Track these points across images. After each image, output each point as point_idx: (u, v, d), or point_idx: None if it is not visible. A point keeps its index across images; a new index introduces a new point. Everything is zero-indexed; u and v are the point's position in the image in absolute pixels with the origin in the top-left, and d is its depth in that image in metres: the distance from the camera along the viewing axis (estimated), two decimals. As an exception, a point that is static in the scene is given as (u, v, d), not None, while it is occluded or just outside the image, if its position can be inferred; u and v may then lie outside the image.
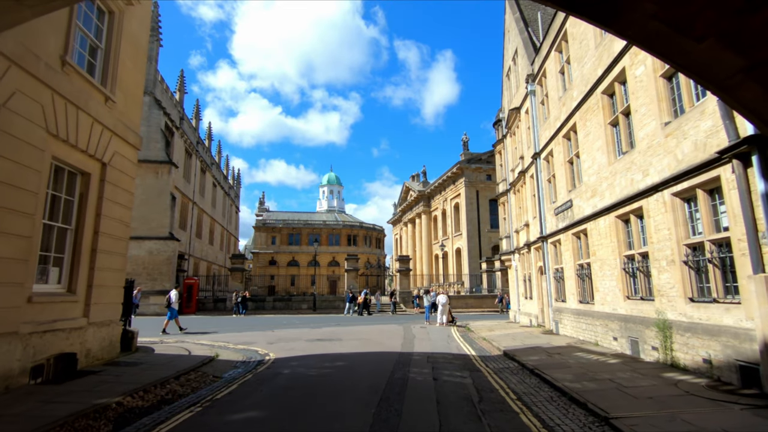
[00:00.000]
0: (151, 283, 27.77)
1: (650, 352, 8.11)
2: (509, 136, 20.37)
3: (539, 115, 15.51)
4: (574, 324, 12.15)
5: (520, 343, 12.14)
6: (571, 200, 12.26)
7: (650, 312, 8.12)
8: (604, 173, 10.04)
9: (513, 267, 20.24)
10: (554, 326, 14.04)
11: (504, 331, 15.71)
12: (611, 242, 9.72)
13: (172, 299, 16.53)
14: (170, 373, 7.75)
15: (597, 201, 10.46)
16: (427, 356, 10.27)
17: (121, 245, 9.41)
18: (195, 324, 20.02)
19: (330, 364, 9.18)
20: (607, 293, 10.01)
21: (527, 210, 17.63)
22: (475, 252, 40.19)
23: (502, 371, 8.48)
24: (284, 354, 10.87)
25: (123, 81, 9.30)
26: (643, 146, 8.22)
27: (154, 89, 29.94)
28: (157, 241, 28.33)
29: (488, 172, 41.87)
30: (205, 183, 43.07)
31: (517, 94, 18.76)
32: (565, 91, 12.76)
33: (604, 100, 10.06)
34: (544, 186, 15.03)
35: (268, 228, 64.20)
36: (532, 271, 17.15)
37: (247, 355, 10.92)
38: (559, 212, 13.31)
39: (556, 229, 13.69)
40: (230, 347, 12.57)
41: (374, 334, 15.06)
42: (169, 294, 16.72)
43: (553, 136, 13.64)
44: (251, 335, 15.28)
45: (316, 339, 13.72)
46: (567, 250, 12.73)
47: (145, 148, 29.78)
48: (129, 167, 9.65)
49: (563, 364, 8.48)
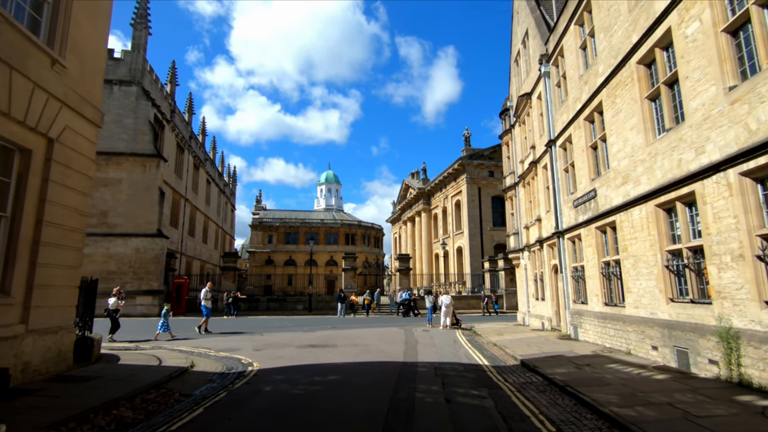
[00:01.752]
0: (137, 282, 26.33)
1: (706, 367, 6.74)
2: (518, 125, 19.00)
3: (554, 99, 14.13)
4: (599, 329, 10.77)
5: (537, 350, 10.77)
6: (595, 190, 10.89)
7: (706, 318, 6.75)
8: (639, 156, 8.67)
9: (522, 266, 18.87)
10: (572, 331, 12.68)
11: (515, 336, 14.34)
12: (649, 236, 8.35)
13: (202, 297, 16.14)
14: (124, 392, 6.34)
15: (629, 189, 9.09)
16: (435, 367, 8.88)
17: (75, 238, 8.00)
18: (181, 326, 18.57)
19: (321, 379, 7.78)
20: (643, 295, 8.64)
21: (539, 204, 16.26)
22: (476, 251, 38.83)
23: (526, 388, 7.10)
24: (270, 364, 9.47)
25: (78, 44, 7.89)
26: (696, 118, 6.85)
27: (143, 79, 28.49)
28: (145, 238, 26.87)
29: (490, 169, 40.52)
30: (198, 179, 41.59)
31: (527, 78, 17.39)
32: (588, 68, 11.38)
33: (639, 71, 8.69)
34: (560, 176, 13.66)
35: (265, 227, 62.79)
36: (544, 270, 15.78)
37: (227, 365, 9.52)
38: (579, 204, 11.94)
39: (575, 223, 12.32)
40: (211, 354, 11.18)
41: (373, 339, 13.66)
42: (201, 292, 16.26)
43: (572, 119, 12.27)
44: (238, 340, 13.88)
45: (308, 345, 12.32)
46: (589, 246, 11.36)
47: (132, 141, 28.44)
48: (86, 147, 8.24)
49: (599, 379, 7.10)
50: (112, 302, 14.08)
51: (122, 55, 28.51)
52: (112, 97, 27.73)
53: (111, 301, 14.11)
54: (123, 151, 27.33)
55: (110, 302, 14.10)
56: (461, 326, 18.00)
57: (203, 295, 16.34)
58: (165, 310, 15.06)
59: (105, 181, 26.78)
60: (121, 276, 26.06)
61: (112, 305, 14.01)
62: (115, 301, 14.12)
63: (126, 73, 28.24)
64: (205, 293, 16.39)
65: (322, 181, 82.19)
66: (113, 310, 13.93)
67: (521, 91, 18.05)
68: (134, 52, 28.60)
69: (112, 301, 14.12)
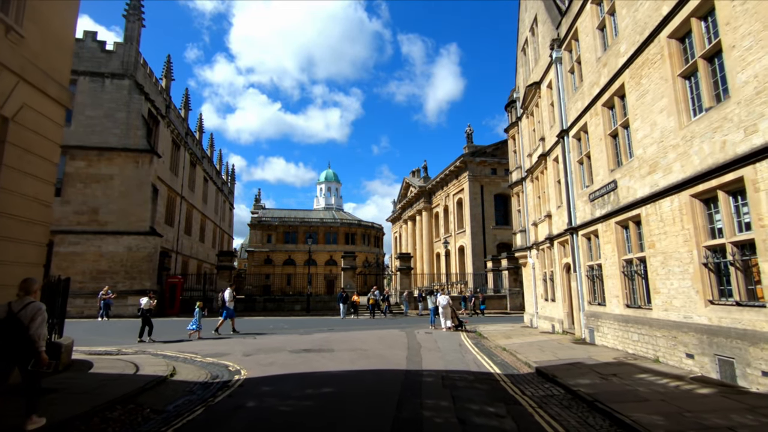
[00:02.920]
0: (129, 282, 25.42)
1: (759, 380, 5.83)
2: (525, 116, 18.09)
3: (567, 86, 13.22)
4: (620, 333, 9.86)
5: (551, 356, 9.87)
6: (615, 181, 9.98)
7: (759, 323, 5.84)
8: (670, 140, 7.76)
9: (529, 265, 17.96)
10: (588, 334, 11.77)
11: (524, 339, 13.44)
12: (682, 230, 7.44)
13: (226, 298, 15.85)
14: (82, 409, 5.44)
15: (658, 178, 8.18)
16: (442, 376, 7.97)
17: (36, 232, 7.11)
18: (169, 328, 17.66)
19: (313, 391, 6.87)
20: (675, 296, 7.73)
21: (549, 199, 15.34)
22: (479, 250, 37.92)
23: (548, 403, 6.19)
24: (259, 372, 8.56)
25: (40, 13, 6.98)
26: (746, 93, 5.94)
27: (136, 72, 27.58)
28: (137, 236, 25.96)
29: (493, 166, 39.63)
30: (195, 177, 40.70)
31: (536, 67, 16.47)
32: (607, 49, 10.47)
33: (671, 47, 7.78)
34: (573, 168, 12.75)
35: (264, 226, 61.90)
36: (555, 269, 14.87)
37: (212, 373, 8.63)
38: (596, 197, 11.03)
39: (590, 218, 11.41)
40: (197, 360, 10.29)
41: (373, 343, 12.76)
42: (222, 293, 15.89)
43: (587, 106, 11.36)
44: (228, 343, 12.97)
45: (303, 350, 11.42)
46: (607, 242, 10.45)
47: (124, 136, 27.49)
48: (51, 129, 7.33)
49: (632, 393, 6.19)
50: (144, 302, 13.89)
51: (114, 48, 27.60)
52: (104, 91, 26.85)
53: (143, 301, 13.94)
54: (115, 146, 26.41)
55: (143, 302, 13.93)
56: (465, 329, 17.11)
57: (228, 296, 15.98)
58: (197, 309, 14.71)
59: (96, 177, 25.89)
60: (112, 275, 25.18)
61: (145, 305, 13.81)
62: (147, 300, 13.92)
63: (118, 66, 27.33)
64: (230, 294, 16.13)
65: (321, 180, 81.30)
66: (146, 310, 13.75)
67: (529, 81, 17.14)
68: (127, 44, 27.68)
69: (144, 300, 13.94)
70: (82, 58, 26.88)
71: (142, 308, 13.80)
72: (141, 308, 13.83)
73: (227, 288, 16.89)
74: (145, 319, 13.60)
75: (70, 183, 25.52)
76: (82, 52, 27.03)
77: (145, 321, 13.58)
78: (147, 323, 13.59)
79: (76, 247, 25.01)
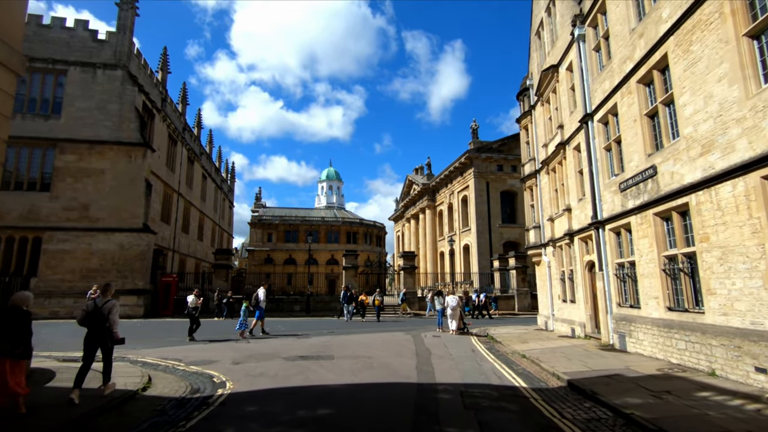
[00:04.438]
0: (121, 281, 24.19)
1: None
2: (540, 104, 16.86)
3: (591, 66, 12.00)
4: (660, 340, 8.64)
5: (581, 365, 8.66)
6: (654, 167, 8.75)
7: None
8: (733, 113, 6.54)
9: (544, 263, 16.73)
10: (617, 340, 10.55)
11: (543, 344, 12.23)
12: (749, 219, 6.23)
13: (261, 297, 15.15)
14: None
15: (714, 159, 6.96)
16: (460, 392, 6.76)
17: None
18: (161, 330, 16.54)
19: (307, 413, 5.67)
20: (738, 298, 6.52)
21: (568, 191, 14.12)
22: (485, 248, 36.62)
23: (598, 431, 4.99)
24: (246, 385, 7.38)
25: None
26: None
27: (129, 63, 26.43)
28: (130, 233, 24.81)
29: (499, 162, 38.36)
30: (193, 174, 39.59)
31: (553, 49, 15.24)
32: (643, 18, 9.25)
33: (733, 3, 6.56)
34: (599, 156, 11.52)
35: (264, 224, 60.76)
36: (575, 268, 13.65)
37: (193, 385, 7.47)
38: (629, 187, 9.80)
39: (620, 210, 10.19)
40: (179, 368, 9.14)
41: (377, 349, 11.55)
42: (256, 292, 15.43)
43: (618, 85, 10.14)
44: (217, 349, 11.79)
45: (299, 356, 10.23)
46: (644, 236, 9.22)
47: (116, 129, 26.27)
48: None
49: (701, 418, 4.98)
50: (191, 300, 13.72)
51: (107, 37, 26.48)
52: (96, 82, 25.72)
53: (190, 299, 13.76)
54: (106, 139, 25.27)
55: (189, 300, 13.76)
56: (471, 331, 15.93)
57: (262, 296, 15.27)
58: (244, 308, 14.45)
59: (87, 172, 24.77)
60: (104, 274, 23.98)
61: (192, 303, 13.66)
62: (193, 299, 13.75)
63: (111, 56, 26.21)
64: (264, 294, 15.49)
65: (323, 178, 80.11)
66: (193, 309, 13.58)
67: (545, 65, 15.91)
68: (120, 33, 26.56)
69: (191, 299, 13.76)
70: (73, 48, 25.80)
71: (188, 307, 13.67)
72: (188, 307, 13.72)
73: (261, 287, 15.93)
74: (192, 318, 13.42)
75: (59, 178, 24.41)
76: (72, 41, 25.96)
77: (193, 319, 13.40)
78: (195, 322, 13.40)
79: (65, 244, 23.89)
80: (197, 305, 13.72)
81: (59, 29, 25.87)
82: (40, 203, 23.98)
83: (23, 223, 23.46)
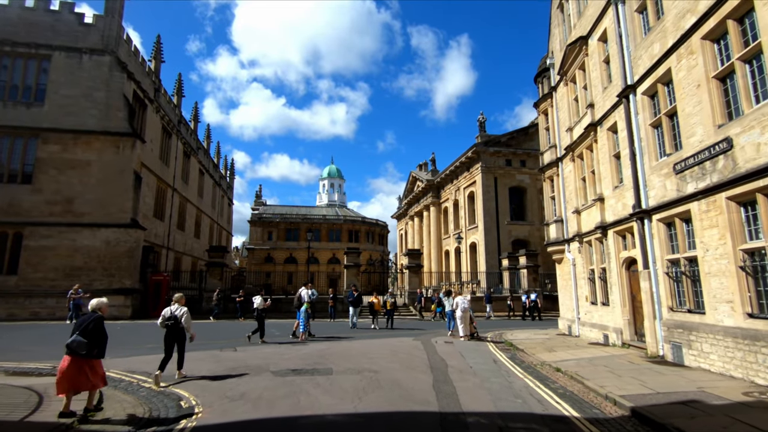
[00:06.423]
0: (108, 279, 22.67)
1: None
2: (563, 84, 15.16)
3: (633, 30, 10.31)
4: (737, 354, 6.95)
5: (638, 384, 6.99)
6: (729, 139, 7.08)
7: None
8: None
9: (568, 261, 15.04)
10: (670, 351, 8.86)
11: (574, 353, 10.58)
12: None
13: (304, 298, 14.33)
14: None
15: (831, 121, 5.28)
16: (499, 427, 5.11)
17: None
18: (141, 334, 14.90)
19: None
20: None
21: (601, 179, 12.43)
22: (492, 247, 34.89)
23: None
24: (219, 414, 5.74)
25: None
26: None
27: (117, 48, 24.85)
28: (117, 229, 23.23)
29: (507, 157, 36.62)
30: (189, 169, 38.03)
31: (581, 19, 13.55)
32: (711, -41, 7.57)
33: None
34: (644, 134, 9.83)
35: (265, 223, 59.28)
36: (608, 266, 11.96)
37: (153, 412, 5.87)
38: (690, 167, 8.12)
39: (677, 195, 8.51)
40: (144, 386, 7.50)
41: (383, 360, 9.88)
42: (299, 291, 14.82)
43: (674, 46, 8.46)
44: (197, 358, 10.13)
45: (291, 369, 8.57)
46: (712, 226, 7.55)
47: (103, 117, 24.54)
48: None
49: None
50: (258, 302, 13.32)
51: (94, 20, 24.92)
52: (82, 68, 24.15)
53: (257, 300, 13.37)
54: (93, 128, 23.69)
55: (256, 301, 13.37)
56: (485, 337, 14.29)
57: (305, 296, 14.44)
58: (304, 308, 13.84)
59: (71, 163, 23.22)
60: (89, 272, 22.44)
61: (259, 304, 13.25)
62: (261, 300, 13.39)
63: (98, 41, 24.63)
64: (308, 294, 14.66)
65: (324, 176, 78.53)
66: (261, 310, 13.20)
67: (571, 39, 14.21)
68: (108, 17, 24.99)
69: (258, 300, 13.37)
70: (58, 32, 24.25)
71: (257, 308, 13.26)
72: (256, 308, 13.28)
73: (303, 288, 15.11)
74: (260, 320, 13.06)
75: (42, 169, 22.88)
76: (57, 24, 24.41)
77: (260, 321, 13.04)
78: (262, 324, 13.06)
79: (47, 240, 22.33)
80: (265, 306, 13.37)
81: (43, 12, 24.33)
82: (22, 196, 22.44)
83: (3, 218, 21.95)
